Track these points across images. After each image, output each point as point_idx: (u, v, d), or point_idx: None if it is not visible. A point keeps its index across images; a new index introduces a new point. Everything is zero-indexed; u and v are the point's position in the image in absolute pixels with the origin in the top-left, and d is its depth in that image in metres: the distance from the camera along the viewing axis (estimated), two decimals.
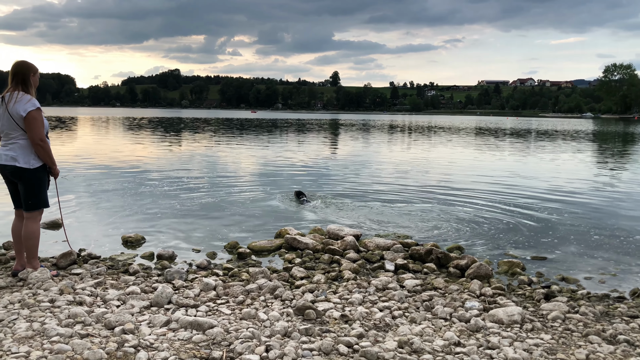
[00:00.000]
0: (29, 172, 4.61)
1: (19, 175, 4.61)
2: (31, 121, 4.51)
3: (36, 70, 4.75)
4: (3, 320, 3.62)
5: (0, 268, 5.06)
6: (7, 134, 4.61)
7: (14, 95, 4.54)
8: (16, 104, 4.50)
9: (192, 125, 47.67)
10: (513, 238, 6.87)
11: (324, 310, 4.03)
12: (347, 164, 16.13)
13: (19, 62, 4.68)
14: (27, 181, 4.63)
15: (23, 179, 4.62)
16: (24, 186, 4.65)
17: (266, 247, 6.10)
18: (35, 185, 4.66)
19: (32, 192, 4.66)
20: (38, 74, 4.81)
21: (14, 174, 4.62)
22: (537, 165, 16.96)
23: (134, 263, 5.36)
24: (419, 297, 4.45)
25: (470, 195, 10.18)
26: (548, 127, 58.15)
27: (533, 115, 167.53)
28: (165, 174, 12.59)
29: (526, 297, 4.63)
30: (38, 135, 4.55)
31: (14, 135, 4.58)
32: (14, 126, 4.54)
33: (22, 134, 4.57)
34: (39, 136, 4.56)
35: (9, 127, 4.56)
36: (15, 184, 4.76)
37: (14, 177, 4.65)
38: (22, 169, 4.58)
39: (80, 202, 8.69)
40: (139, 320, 3.73)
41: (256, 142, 25.37)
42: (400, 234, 6.91)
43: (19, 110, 4.49)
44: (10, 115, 4.51)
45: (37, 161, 4.64)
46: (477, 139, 32.35)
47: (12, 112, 4.50)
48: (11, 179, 4.73)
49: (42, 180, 4.72)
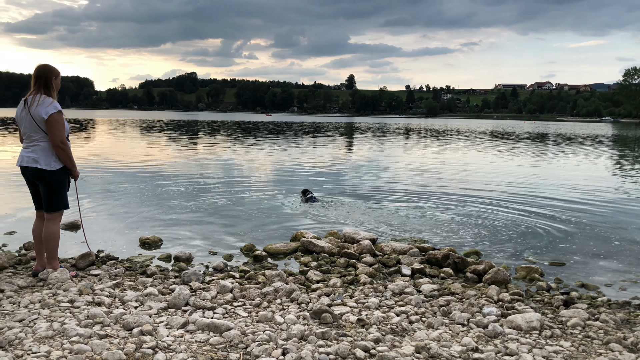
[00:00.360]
0: (49, 173, 4.68)
1: (40, 177, 4.68)
2: (52, 123, 4.58)
3: (58, 74, 4.83)
4: (24, 320, 3.68)
5: (21, 268, 5.13)
6: (29, 136, 4.68)
7: (36, 98, 4.62)
8: (38, 106, 4.58)
9: (208, 128, 48.00)
10: (531, 243, 6.80)
11: (341, 314, 4.02)
12: (362, 166, 16.11)
13: (42, 65, 4.76)
14: (47, 183, 4.70)
15: (44, 181, 4.69)
16: (44, 188, 4.72)
17: (282, 250, 6.11)
18: (55, 187, 4.73)
19: (52, 194, 4.73)
20: (60, 77, 4.89)
21: (35, 175, 4.69)
22: (555, 169, 16.78)
23: (151, 264, 5.41)
24: (436, 302, 4.42)
25: (487, 199, 10.10)
26: (566, 131, 57.54)
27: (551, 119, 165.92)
28: (182, 176, 12.68)
29: (545, 303, 4.57)
30: (59, 137, 4.63)
31: (36, 138, 4.66)
32: (35, 128, 4.62)
33: (44, 136, 4.65)
34: (60, 138, 4.63)
35: (31, 130, 4.64)
36: (36, 186, 4.84)
37: (35, 179, 4.73)
38: (43, 171, 4.65)
39: (99, 204, 8.79)
40: (156, 322, 3.75)
41: (272, 145, 25.45)
42: (417, 238, 6.88)
43: (40, 112, 4.57)
44: (33, 117, 4.59)
45: (57, 163, 4.71)
46: (494, 143, 32.10)
47: (34, 114, 4.58)
48: (32, 181, 4.80)
49: (62, 182, 4.79)
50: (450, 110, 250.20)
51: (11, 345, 3.29)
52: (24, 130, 4.70)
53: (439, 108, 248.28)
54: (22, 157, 4.72)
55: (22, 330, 3.48)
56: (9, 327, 3.53)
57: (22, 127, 4.72)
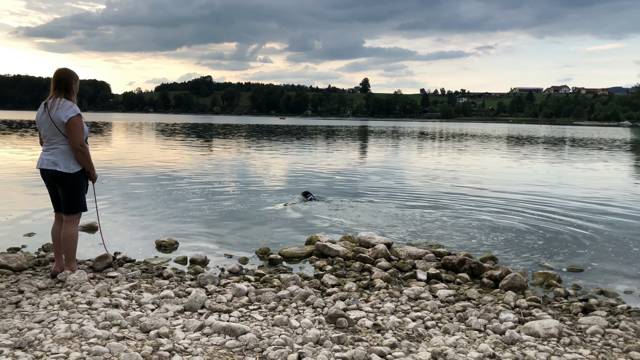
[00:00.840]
0: (68, 176, 4.74)
1: (59, 180, 4.75)
2: (72, 127, 4.65)
3: (77, 78, 4.91)
4: (43, 321, 3.72)
5: (40, 269, 5.20)
6: (49, 139, 4.75)
7: (56, 102, 4.69)
8: (58, 110, 4.65)
9: (223, 131, 48.27)
10: (548, 248, 6.72)
11: (356, 319, 4.01)
12: (376, 170, 16.07)
13: (62, 69, 4.83)
14: (66, 185, 4.76)
15: (63, 183, 4.76)
16: (63, 190, 4.79)
17: (297, 254, 6.11)
18: (74, 189, 4.79)
19: (71, 196, 4.80)
20: (79, 81, 4.96)
21: (54, 178, 4.76)
22: (572, 173, 16.59)
23: (167, 267, 5.45)
24: (452, 308, 4.39)
25: (503, 203, 10.02)
26: (583, 136, 56.89)
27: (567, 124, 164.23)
28: (197, 178, 12.76)
29: (563, 310, 4.51)
30: (78, 140, 4.69)
31: (56, 141, 4.73)
32: (55, 132, 4.69)
33: (63, 139, 4.71)
34: (79, 141, 4.70)
35: (51, 133, 4.71)
36: (55, 188, 4.90)
37: (55, 181, 4.79)
38: (62, 174, 4.72)
39: (115, 206, 8.87)
40: (173, 325, 3.78)
41: (286, 148, 25.51)
42: (432, 243, 6.84)
43: (60, 116, 4.64)
44: (53, 121, 4.66)
45: (76, 166, 4.77)
46: (510, 147, 31.85)
47: (55, 118, 4.65)
48: (52, 183, 4.87)
49: (81, 184, 4.85)
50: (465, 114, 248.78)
51: (31, 346, 3.33)
52: (44, 133, 4.77)
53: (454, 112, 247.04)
54: (42, 160, 4.79)
55: (41, 331, 3.52)
56: (28, 328, 3.58)
57: (42, 130, 4.79)
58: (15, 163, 15.47)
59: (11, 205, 8.65)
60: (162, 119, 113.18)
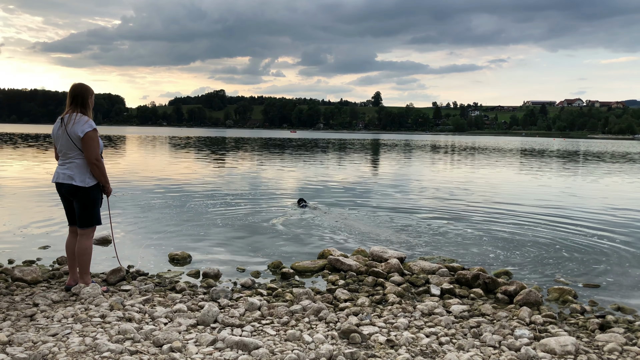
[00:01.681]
0: (83, 190, 4.79)
1: (74, 193, 4.79)
2: (88, 141, 4.71)
3: (93, 93, 4.98)
4: (57, 335, 3.74)
5: (55, 282, 5.24)
6: (65, 154, 4.81)
7: (73, 117, 4.75)
8: (74, 125, 4.71)
9: (235, 144, 48.53)
10: (563, 263, 6.64)
11: (369, 334, 3.98)
12: (389, 183, 16.02)
13: (78, 84, 4.90)
14: (82, 199, 4.81)
15: (78, 197, 4.80)
16: (78, 204, 4.83)
17: (309, 268, 6.10)
18: (89, 203, 4.84)
19: (86, 210, 4.84)
20: (94, 95, 5.03)
21: (70, 192, 4.81)
22: (586, 187, 16.42)
23: (180, 281, 5.46)
24: (466, 324, 4.35)
25: (516, 217, 9.93)
26: (598, 149, 56.38)
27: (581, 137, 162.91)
28: (210, 192, 12.82)
29: (579, 326, 4.45)
30: (94, 154, 4.75)
31: (71, 155, 4.78)
32: (71, 146, 4.75)
33: (79, 153, 4.77)
34: (94, 156, 4.75)
35: (67, 147, 4.76)
36: (70, 202, 4.95)
37: (70, 195, 4.84)
38: (77, 187, 4.77)
39: (129, 219, 8.93)
40: (186, 339, 3.78)
41: (298, 162, 25.56)
42: (446, 257, 6.79)
43: (76, 131, 4.70)
44: (69, 135, 4.72)
45: (92, 180, 4.82)
46: (523, 160, 31.63)
47: (71, 132, 4.71)
48: (67, 197, 4.92)
49: (96, 198, 4.90)
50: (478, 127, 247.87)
51: (45, 359, 3.35)
52: (60, 147, 4.83)
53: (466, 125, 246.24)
54: (58, 174, 4.84)
55: (55, 345, 3.53)
56: (43, 341, 3.59)
57: (58, 145, 4.85)
58: (31, 176, 15.66)
59: (26, 219, 8.74)
60: (175, 132, 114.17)
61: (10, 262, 6.06)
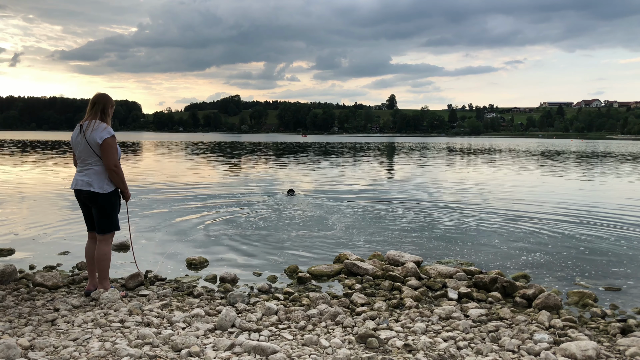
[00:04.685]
0: (102, 196, 4.86)
1: (93, 200, 4.86)
2: (106, 148, 4.79)
3: (114, 104, 5.15)
4: (78, 339, 3.79)
5: (74, 287, 5.31)
6: (84, 160, 4.89)
7: (92, 124, 4.84)
8: (93, 132, 4.80)
9: (250, 149, 48.75)
10: (582, 266, 6.55)
11: (387, 339, 3.97)
12: (405, 185, 15.95)
13: (101, 94, 5.04)
14: (100, 206, 4.88)
15: (97, 204, 4.87)
16: (97, 210, 4.90)
17: (326, 272, 6.10)
18: (108, 209, 4.90)
19: (104, 216, 4.90)
20: (115, 106, 5.16)
21: (88, 198, 4.88)
22: (606, 189, 16.19)
23: (197, 285, 5.50)
24: (484, 328, 4.31)
25: (534, 219, 9.82)
26: (617, 150, 55.56)
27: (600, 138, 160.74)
28: (226, 197, 12.88)
29: (600, 330, 4.38)
30: (112, 161, 4.83)
31: (90, 162, 4.86)
32: (90, 152, 4.83)
33: (97, 160, 4.85)
34: (113, 162, 4.83)
35: (86, 154, 4.84)
36: (89, 208, 5.02)
37: (89, 202, 4.91)
38: (96, 194, 4.83)
39: (146, 225, 9.01)
40: (204, 343, 3.80)
41: (312, 165, 25.59)
42: (463, 261, 6.74)
43: (96, 137, 4.78)
44: (88, 142, 4.80)
45: (110, 186, 4.90)
46: (541, 162, 31.29)
47: (90, 139, 4.79)
48: (86, 203, 4.99)
49: (114, 204, 4.97)
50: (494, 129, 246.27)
51: None
52: (78, 154, 4.91)
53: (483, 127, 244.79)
54: (77, 181, 4.91)
55: (76, 350, 3.58)
56: (63, 346, 3.64)
57: (76, 152, 4.93)
58: (50, 182, 15.89)
59: (46, 225, 8.87)
60: (191, 137, 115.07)
61: (32, 267, 6.15)
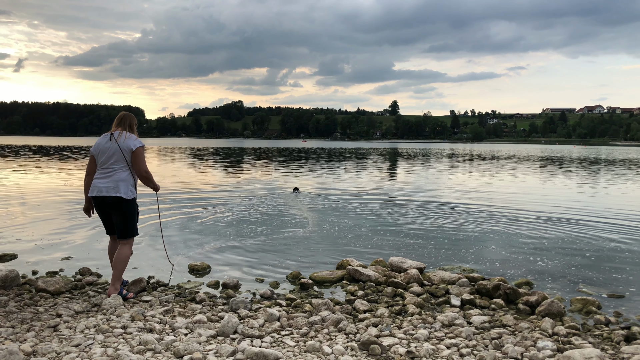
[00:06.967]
0: (126, 202, 5.13)
1: (116, 206, 5.11)
2: (138, 155, 5.19)
3: (137, 122, 5.55)
4: (80, 345, 3.79)
5: (77, 293, 5.31)
6: (110, 166, 5.15)
7: (123, 134, 5.24)
8: (127, 139, 5.19)
9: (252, 154, 48.81)
10: (586, 273, 6.53)
11: (389, 346, 3.96)
12: (406, 191, 15.92)
13: (127, 112, 5.50)
14: (122, 212, 5.15)
15: (120, 209, 5.13)
16: (120, 216, 5.15)
17: (328, 278, 6.09)
18: (129, 215, 5.20)
19: (126, 222, 5.18)
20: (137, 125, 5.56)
21: (112, 204, 5.11)
22: (609, 195, 16.15)
23: (200, 291, 5.49)
24: (487, 335, 4.30)
25: (537, 226, 9.80)
26: (620, 156, 55.48)
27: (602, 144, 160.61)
28: (227, 202, 12.89)
29: (604, 338, 4.36)
30: (144, 167, 5.23)
31: (117, 167, 5.15)
32: (121, 158, 5.15)
33: (125, 166, 5.17)
34: (144, 168, 5.23)
35: (116, 159, 5.15)
36: (108, 214, 5.27)
37: (112, 208, 5.14)
38: (121, 199, 5.10)
39: (149, 229, 9.01)
40: (206, 350, 3.79)
41: (315, 171, 25.59)
42: (466, 267, 6.73)
43: (130, 144, 5.16)
44: (121, 148, 5.14)
45: (133, 193, 5.22)
46: (543, 168, 31.25)
47: (123, 145, 5.14)
48: (105, 210, 5.21)
49: (135, 210, 5.29)
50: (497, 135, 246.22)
51: None
52: (104, 159, 5.17)
53: (485, 133, 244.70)
54: (99, 188, 5.12)
55: (78, 355, 3.58)
56: (66, 352, 3.64)
57: (102, 157, 5.19)
58: (53, 188, 15.92)
59: (48, 230, 8.89)
60: (194, 143, 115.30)
61: (34, 273, 6.16)
